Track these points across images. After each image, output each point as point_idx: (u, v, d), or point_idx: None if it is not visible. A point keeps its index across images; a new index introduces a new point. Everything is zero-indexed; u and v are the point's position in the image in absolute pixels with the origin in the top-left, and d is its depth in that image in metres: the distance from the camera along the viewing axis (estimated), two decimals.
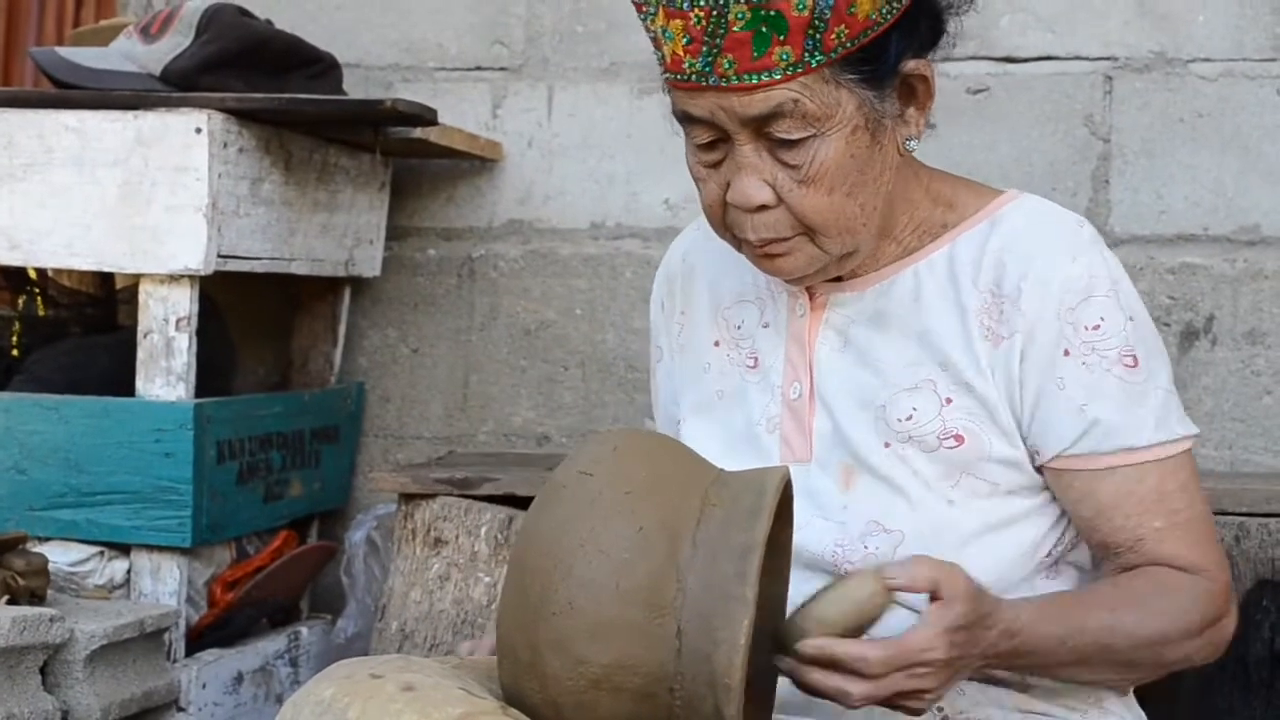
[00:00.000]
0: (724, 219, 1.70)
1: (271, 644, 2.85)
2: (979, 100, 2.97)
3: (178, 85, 2.66)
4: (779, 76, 1.58)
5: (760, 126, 1.62)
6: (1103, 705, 1.77)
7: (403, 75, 3.20)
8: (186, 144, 2.57)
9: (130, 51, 2.71)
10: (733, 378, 1.83)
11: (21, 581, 2.31)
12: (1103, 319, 1.69)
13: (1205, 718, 2.38)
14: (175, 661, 2.61)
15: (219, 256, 2.60)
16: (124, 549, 2.64)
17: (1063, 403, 1.69)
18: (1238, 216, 2.90)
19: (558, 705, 1.43)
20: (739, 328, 1.84)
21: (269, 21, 2.86)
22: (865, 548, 1.70)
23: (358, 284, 3.17)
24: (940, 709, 1.70)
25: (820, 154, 1.62)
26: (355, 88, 3.12)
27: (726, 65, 1.58)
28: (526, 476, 2.64)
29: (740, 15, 1.56)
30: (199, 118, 2.57)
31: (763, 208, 1.65)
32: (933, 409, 1.71)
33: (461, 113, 3.14)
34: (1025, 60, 2.97)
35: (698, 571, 1.43)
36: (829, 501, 1.69)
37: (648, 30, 1.65)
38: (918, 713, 1.57)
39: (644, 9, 1.63)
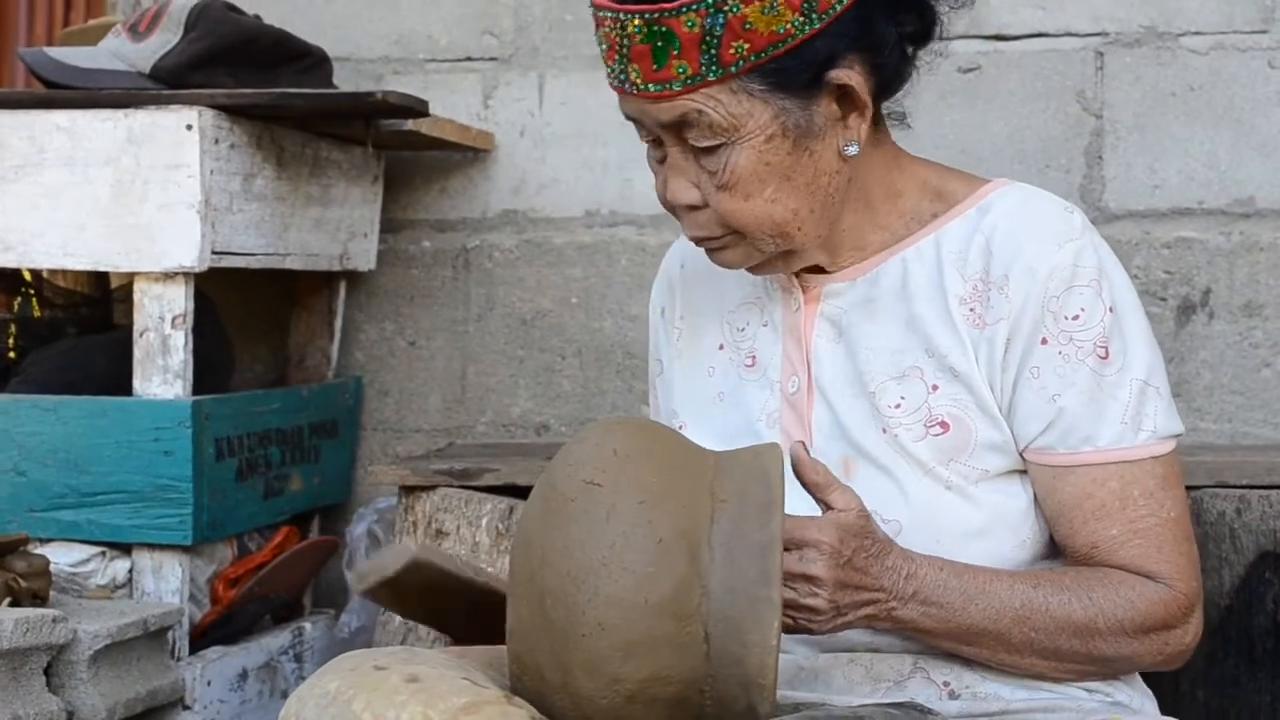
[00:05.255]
0: (674, 213, 1.76)
1: (275, 640, 2.85)
2: (970, 79, 2.97)
3: (168, 83, 2.66)
4: (679, 88, 1.63)
5: (676, 132, 1.67)
6: (1110, 681, 1.77)
7: (393, 67, 3.20)
8: (178, 141, 2.56)
9: (119, 50, 2.70)
10: (731, 379, 1.85)
11: (23, 583, 2.31)
12: (1083, 309, 1.69)
13: (1211, 691, 2.38)
14: (179, 660, 2.61)
15: (213, 253, 2.59)
16: (125, 548, 2.63)
17: (1035, 391, 1.70)
18: (1232, 189, 2.89)
19: None
20: (742, 330, 1.86)
21: (257, 16, 2.85)
22: None
23: (353, 278, 3.17)
24: (946, 683, 1.71)
25: (732, 161, 1.66)
26: (345, 81, 3.11)
27: (635, 74, 1.64)
28: (526, 466, 2.63)
29: (638, 29, 1.61)
30: (189, 115, 2.56)
31: (693, 208, 1.70)
32: (919, 396, 1.72)
33: (453, 104, 3.13)
34: (1016, 38, 2.97)
35: (719, 574, 1.42)
36: None
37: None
38: (807, 622, 1.59)
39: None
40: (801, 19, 1.62)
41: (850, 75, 1.67)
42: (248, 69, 2.72)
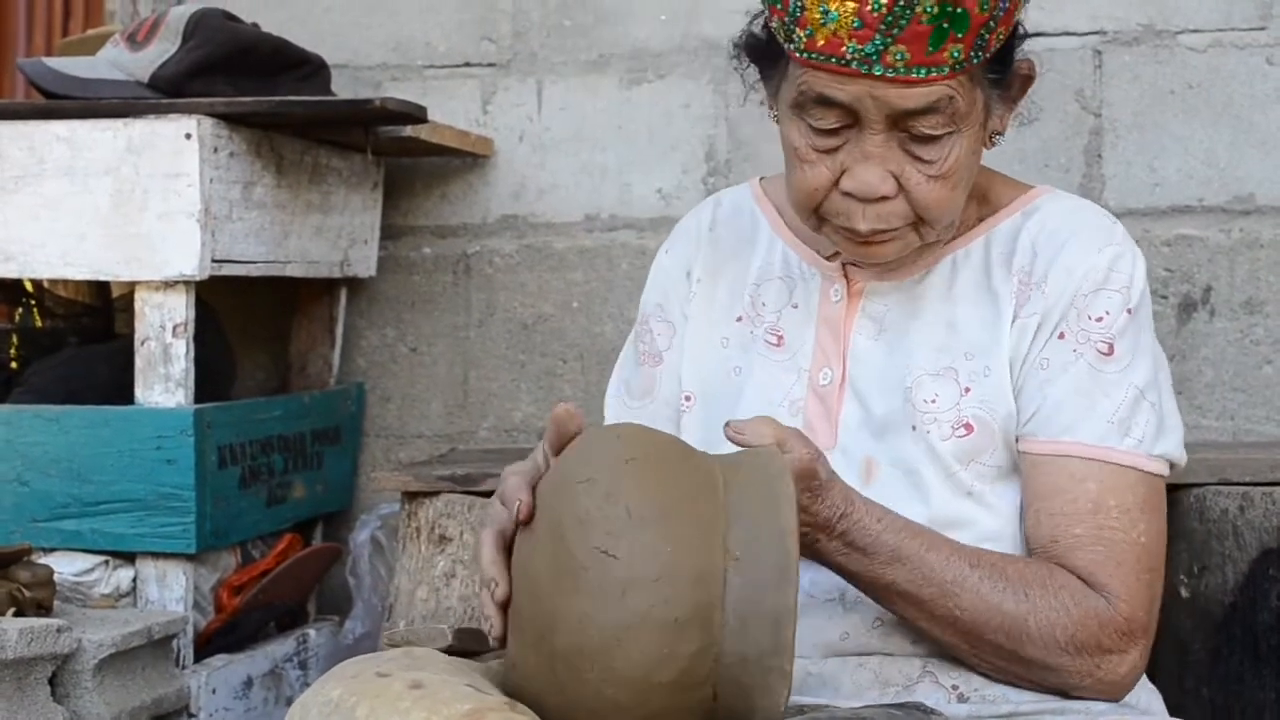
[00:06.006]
0: (820, 203, 1.69)
1: (280, 647, 2.85)
2: None
3: (166, 92, 2.66)
4: (946, 73, 1.60)
5: (901, 120, 1.62)
6: None
7: (391, 74, 3.20)
8: (177, 150, 2.56)
9: (118, 60, 2.70)
10: (751, 354, 1.82)
11: (28, 593, 2.31)
12: (1107, 312, 1.70)
13: (1216, 688, 2.38)
14: (184, 668, 2.61)
15: (213, 261, 2.59)
16: (129, 557, 2.63)
17: (1039, 379, 1.70)
18: (1232, 186, 2.89)
19: None
20: (765, 305, 1.84)
21: (255, 25, 2.86)
22: None
23: (354, 284, 3.17)
24: (955, 686, 1.70)
25: (955, 151, 1.65)
26: (344, 88, 3.11)
27: (896, 56, 1.58)
28: None
29: (928, 9, 1.56)
30: (189, 123, 2.57)
31: (882, 199, 1.65)
32: (952, 397, 1.72)
33: (451, 110, 3.14)
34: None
35: (731, 641, 1.40)
36: None
37: (783, 6, 1.62)
38: None
39: None
40: (1019, 8, 1.65)
41: (1029, 64, 1.71)
42: (246, 77, 2.72)
